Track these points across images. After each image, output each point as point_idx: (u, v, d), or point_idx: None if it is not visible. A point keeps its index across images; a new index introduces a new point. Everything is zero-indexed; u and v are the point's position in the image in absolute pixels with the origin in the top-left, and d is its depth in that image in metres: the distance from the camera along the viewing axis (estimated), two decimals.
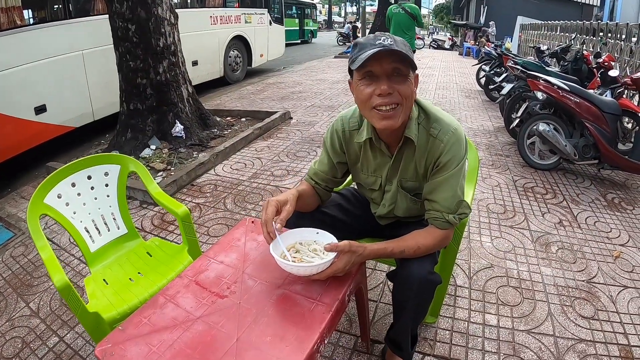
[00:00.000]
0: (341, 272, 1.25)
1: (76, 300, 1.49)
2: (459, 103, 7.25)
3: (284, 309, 1.20)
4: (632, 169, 3.70)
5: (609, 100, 3.89)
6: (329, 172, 1.61)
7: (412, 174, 1.47)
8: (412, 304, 1.40)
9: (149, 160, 4.13)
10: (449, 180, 1.37)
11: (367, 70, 1.26)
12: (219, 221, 3.05)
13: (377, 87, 1.25)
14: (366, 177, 1.58)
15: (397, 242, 1.36)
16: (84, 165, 1.91)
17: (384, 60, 1.23)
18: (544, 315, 2.11)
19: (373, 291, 2.27)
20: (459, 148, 1.37)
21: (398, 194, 1.54)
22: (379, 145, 1.46)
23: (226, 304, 1.21)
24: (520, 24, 13.80)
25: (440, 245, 1.42)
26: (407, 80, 1.27)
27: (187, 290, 1.27)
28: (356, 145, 1.53)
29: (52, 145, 4.78)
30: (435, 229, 1.40)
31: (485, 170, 4.05)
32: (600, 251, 2.71)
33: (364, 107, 1.33)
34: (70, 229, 1.85)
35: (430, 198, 1.41)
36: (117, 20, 4.18)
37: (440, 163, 1.37)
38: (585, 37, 7.98)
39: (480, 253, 2.64)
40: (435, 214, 1.39)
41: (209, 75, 8.09)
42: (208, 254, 1.45)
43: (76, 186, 1.89)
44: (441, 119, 1.39)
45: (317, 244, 1.35)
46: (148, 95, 4.41)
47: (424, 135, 1.39)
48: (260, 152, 4.49)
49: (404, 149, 1.44)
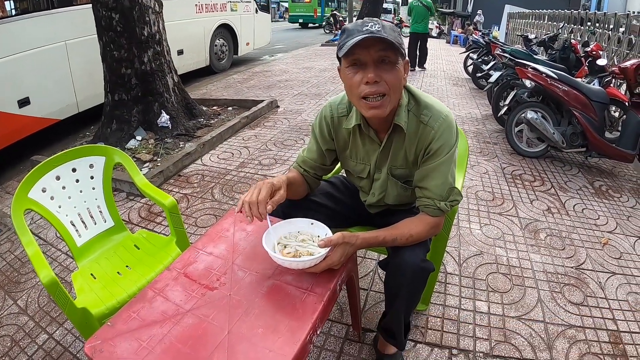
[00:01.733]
0: (337, 264, 1.24)
1: (64, 297, 1.46)
2: (447, 91, 7.25)
3: (275, 299, 1.17)
4: (619, 157, 3.73)
5: (597, 89, 3.91)
6: (317, 160, 1.59)
7: (402, 161, 1.46)
8: (406, 292, 1.39)
9: (135, 151, 4.06)
10: (440, 167, 1.36)
11: (355, 58, 1.23)
12: (207, 212, 3.01)
13: (364, 75, 1.23)
14: (355, 164, 1.56)
15: (389, 230, 1.35)
16: (68, 158, 1.86)
17: (372, 47, 1.20)
18: (534, 301, 2.13)
19: (363, 279, 2.26)
20: (449, 134, 1.35)
21: (388, 182, 1.53)
22: (368, 132, 1.44)
23: (216, 296, 1.19)
24: (508, 12, 13.82)
25: (432, 232, 1.40)
26: (394, 68, 1.24)
27: (176, 283, 1.24)
28: (345, 132, 1.50)
29: (37, 138, 4.69)
30: (427, 217, 1.39)
31: (474, 157, 4.06)
32: (589, 238, 2.74)
33: (351, 95, 1.31)
34: (56, 223, 1.81)
35: (422, 185, 1.40)
36: (101, 9, 4.07)
37: (431, 150, 1.35)
38: (573, 26, 8.01)
39: (469, 240, 2.64)
40: (427, 201, 1.38)
41: (194, 64, 7.96)
42: (196, 246, 1.42)
43: (61, 179, 1.84)
44: (432, 105, 1.38)
45: (300, 234, 1.33)
46: (133, 86, 4.32)
47: (414, 122, 1.38)
48: (248, 141, 4.45)
49: (394, 136, 1.42)
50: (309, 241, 1.29)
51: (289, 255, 1.22)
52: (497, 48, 5.76)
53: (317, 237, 1.31)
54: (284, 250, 1.25)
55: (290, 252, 1.24)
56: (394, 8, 29.10)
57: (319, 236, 1.30)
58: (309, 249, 1.25)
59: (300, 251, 1.24)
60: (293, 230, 1.33)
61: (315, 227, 1.34)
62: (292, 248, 1.25)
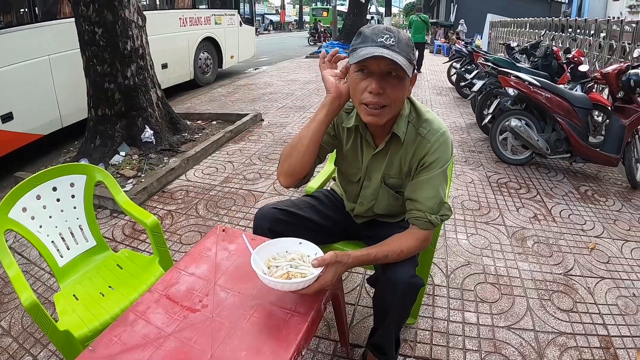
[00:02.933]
0: (329, 285, 1.20)
1: (45, 319, 1.42)
2: (431, 101, 7.30)
3: (258, 321, 1.15)
4: (603, 161, 3.77)
5: (580, 95, 3.96)
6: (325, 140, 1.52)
7: (396, 171, 1.46)
8: (396, 310, 1.39)
9: (118, 167, 4.00)
10: (432, 180, 1.36)
11: (364, 65, 1.24)
12: (192, 228, 2.96)
13: (369, 84, 1.23)
14: (348, 166, 1.56)
15: (380, 247, 1.34)
16: (49, 177, 1.82)
17: (382, 60, 1.19)
18: (523, 310, 2.11)
19: (350, 294, 2.23)
20: (445, 150, 1.37)
21: (380, 190, 1.52)
22: (365, 134, 1.44)
23: (198, 318, 1.16)
24: (490, 21, 14.02)
25: (422, 246, 1.40)
26: (401, 83, 1.25)
27: (157, 306, 1.21)
28: (344, 130, 1.51)
29: (21, 154, 4.63)
30: (417, 230, 1.38)
31: (459, 167, 4.06)
32: (576, 243, 2.75)
33: (354, 98, 1.31)
34: (37, 243, 1.77)
35: (413, 197, 1.39)
36: (84, 24, 4.02)
37: (426, 162, 1.37)
38: (554, 33, 8.13)
39: (456, 250, 2.63)
40: (417, 213, 1.37)
41: (179, 78, 7.93)
42: (178, 266, 1.38)
43: (41, 198, 1.80)
44: (431, 120, 1.39)
45: (289, 253, 1.29)
46: (116, 101, 4.26)
47: (412, 133, 1.39)
48: (232, 155, 4.41)
49: (390, 145, 1.43)
50: (299, 260, 1.25)
51: (282, 277, 1.18)
52: (479, 57, 5.81)
53: (307, 256, 1.27)
54: (276, 273, 1.20)
55: (281, 273, 1.20)
56: (377, 19, 29.43)
57: (309, 255, 1.27)
58: (301, 270, 1.21)
59: (292, 272, 1.20)
60: (281, 250, 1.29)
61: (303, 247, 1.30)
62: (284, 269, 1.21)
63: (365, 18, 17.03)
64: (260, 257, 1.23)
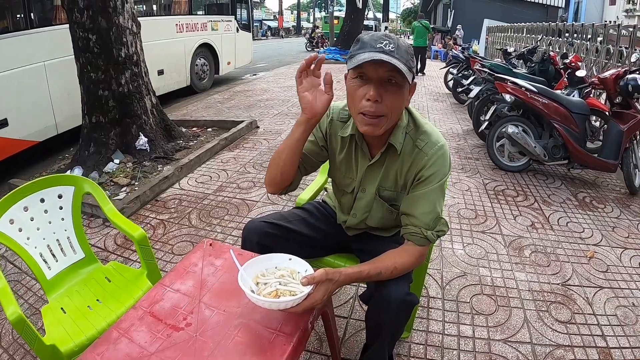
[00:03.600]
0: (319, 303, 1.16)
1: (31, 333, 1.41)
2: (427, 107, 7.27)
3: (242, 341, 1.11)
4: (601, 167, 3.73)
5: (577, 101, 3.93)
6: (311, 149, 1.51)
7: (392, 183, 1.43)
8: (390, 327, 1.35)
9: (112, 175, 3.96)
10: (429, 195, 1.33)
11: (362, 72, 1.21)
12: (184, 238, 2.92)
13: (367, 91, 1.20)
14: (342, 176, 1.52)
15: (373, 263, 1.29)
16: (37, 188, 1.81)
17: (381, 66, 1.17)
18: (520, 322, 2.06)
19: (343, 307, 2.18)
20: (442, 164, 1.33)
21: (374, 202, 1.49)
22: (361, 145, 1.41)
23: (182, 337, 1.12)
24: (487, 26, 14.04)
25: (416, 263, 1.36)
26: (399, 91, 1.22)
27: (141, 323, 1.18)
28: (339, 139, 1.47)
29: (16, 160, 4.62)
30: (412, 246, 1.34)
31: (455, 174, 4.02)
32: (574, 252, 2.70)
33: (351, 106, 1.28)
34: (25, 256, 1.74)
35: (409, 212, 1.36)
36: (78, 30, 4.00)
37: (422, 176, 1.33)
38: (551, 38, 8.12)
39: (452, 261, 2.58)
40: (413, 229, 1.33)
41: (175, 84, 7.90)
42: (164, 282, 1.35)
43: (29, 210, 1.78)
44: (430, 133, 1.36)
45: (278, 269, 1.24)
46: (110, 108, 4.23)
47: (409, 145, 1.35)
48: (226, 163, 4.36)
49: (387, 156, 1.39)
50: (289, 277, 1.21)
51: (270, 295, 1.13)
52: (476, 63, 5.78)
53: (297, 272, 1.23)
54: (264, 290, 1.15)
55: (270, 291, 1.15)
56: (375, 25, 29.51)
57: (298, 272, 1.22)
58: (290, 287, 1.16)
59: (281, 290, 1.15)
60: (270, 267, 1.25)
61: (293, 263, 1.26)
62: (272, 286, 1.17)
63: (363, 24, 17.06)
64: (248, 273, 1.19)
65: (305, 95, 1.27)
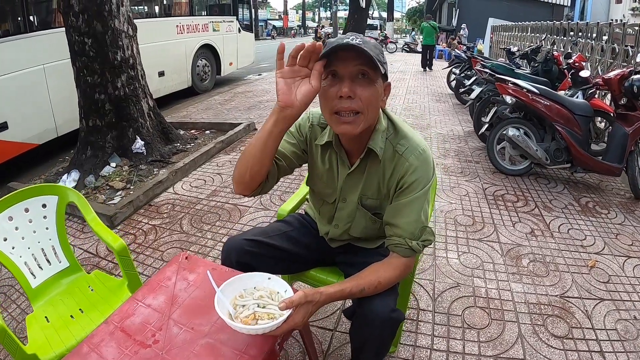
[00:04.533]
0: (300, 325, 1.12)
1: (12, 343, 1.42)
2: (429, 108, 7.18)
3: None
4: (605, 171, 3.62)
5: (580, 102, 3.82)
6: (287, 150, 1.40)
7: (374, 191, 1.36)
8: (373, 345, 1.29)
9: (108, 178, 3.94)
10: (413, 204, 1.26)
11: (332, 70, 1.15)
12: (174, 244, 2.87)
13: (339, 89, 1.14)
14: (323, 186, 1.46)
15: (356, 280, 1.23)
16: (21, 198, 1.83)
17: (350, 61, 1.12)
18: (514, 337, 1.97)
19: (328, 319, 2.11)
20: (425, 169, 1.27)
21: (357, 212, 1.42)
22: (339, 152, 1.35)
23: (148, 354, 1.09)
24: (492, 25, 13.90)
25: (401, 276, 1.30)
26: (372, 86, 1.16)
27: (111, 338, 1.16)
28: (318, 148, 1.41)
29: (16, 163, 4.65)
30: (397, 258, 1.28)
31: (454, 178, 3.93)
32: (575, 261, 2.60)
33: (325, 108, 1.21)
34: (10, 265, 1.77)
35: (393, 222, 1.29)
36: (74, 34, 3.99)
37: (405, 184, 1.27)
38: (555, 37, 7.99)
39: (446, 271, 2.49)
40: (398, 240, 1.27)
41: (176, 85, 7.88)
42: (136, 296, 1.31)
43: (13, 220, 1.81)
44: (410, 137, 1.30)
45: (257, 290, 1.18)
46: (107, 111, 4.21)
47: (390, 150, 1.30)
48: (222, 167, 4.30)
49: (367, 162, 1.33)
50: (267, 298, 1.15)
51: (248, 319, 1.08)
52: (477, 63, 5.68)
53: (276, 293, 1.17)
54: (242, 314, 1.10)
55: (248, 314, 1.10)
56: (380, 24, 29.42)
57: (278, 292, 1.17)
58: (268, 310, 1.11)
59: (259, 312, 1.10)
60: (249, 286, 1.19)
61: (272, 282, 1.19)
62: (250, 309, 1.11)
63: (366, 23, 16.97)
64: (226, 295, 1.13)
65: (280, 80, 1.13)
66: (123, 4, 4.20)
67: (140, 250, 2.82)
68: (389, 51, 21.32)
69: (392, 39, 23.53)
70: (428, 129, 5.72)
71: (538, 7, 19.73)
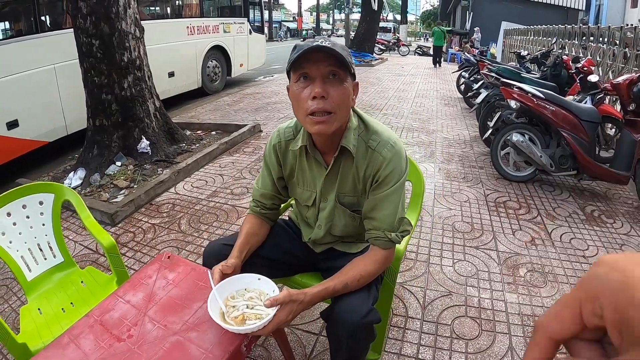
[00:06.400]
0: (285, 323, 1.17)
1: (4, 332, 1.50)
2: (437, 111, 7.12)
3: (171, 358, 1.11)
4: (612, 179, 3.53)
5: (588, 108, 3.73)
6: (272, 189, 1.53)
7: (350, 188, 1.39)
8: (349, 346, 1.28)
9: (113, 177, 3.99)
10: (389, 197, 1.31)
11: (303, 72, 1.21)
12: (171, 244, 2.88)
13: (312, 91, 1.19)
14: (302, 191, 1.49)
15: (338, 277, 1.26)
16: (19, 195, 1.92)
17: (321, 62, 1.18)
18: (504, 349, 1.92)
19: (315, 323, 2.08)
20: (398, 161, 1.31)
21: (335, 210, 1.44)
22: (314, 154, 1.38)
23: (121, 348, 1.14)
24: (504, 29, 13.76)
25: (383, 267, 1.34)
26: (342, 85, 1.21)
27: (90, 331, 1.21)
28: (291, 155, 1.45)
29: (27, 159, 4.75)
30: (377, 251, 1.33)
31: (456, 184, 3.87)
32: (575, 272, 2.53)
33: (298, 111, 1.26)
34: (7, 258, 1.85)
35: (371, 216, 1.34)
36: (81, 36, 4.08)
37: (380, 177, 1.31)
38: (566, 41, 7.87)
39: (439, 279, 2.44)
40: (377, 232, 1.32)
41: (186, 86, 7.95)
42: (118, 293, 1.36)
43: (11, 215, 1.89)
44: (381, 132, 1.35)
45: (248, 291, 1.24)
46: (113, 111, 4.29)
47: (362, 147, 1.34)
48: (224, 168, 4.31)
49: (341, 160, 1.36)
50: (257, 299, 1.21)
51: (237, 319, 1.14)
52: (484, 67, 5.61)
53: (265, 294, 1.22)
54: (232, 314, 1.16)
55: (237, 314, 1.16)
56: (393, 27, 29.34)
57: (267, 294, 1.21)
58: (256, 311, 1.17)
59: (247, 313, 1.16)
60: (240, 288, 1.24)
61: (262, 283, 1.25)
62: (239, 310, 1.17)
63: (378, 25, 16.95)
64: (218, 298, 1.19)
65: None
66: (130, 6, 4.28)
67: (138, 248, 2.85)
68: (401, 54, 21.23)
69: (405, 42, 23.44)
70: (434, 133, 5.66)
71: (552, 11, 19.49)
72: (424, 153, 4.80)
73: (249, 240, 1.46)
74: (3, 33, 4.64)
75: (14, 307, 2.32)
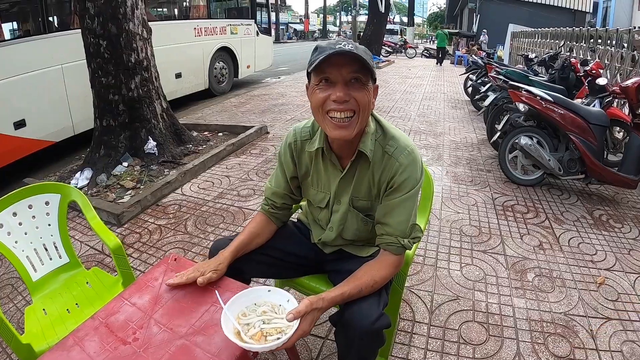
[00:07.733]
0: (308, 332, 1.15)
1: (9, 332, 1.49)
2: (444, 114, 7.10)
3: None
4: (620, 183, 3.50)
5: (596, 111, 3.70)
6: (286, 188, 1.53)
7: (365, 193, 1.39)
8: (358, 351, 1.27)
9: (119, 177, 3.99)
10: (404, 203, 1.31)
11: (325, 76, 1.19)
12: (177, 245, 2.88)
13: (332, 93, 1.18)
14: (315, 192, 1.49)
15: (352, 281, 1.26)
16: (25, 195, 1.90)
17: (344, 67, 1.16)
18: (511, 355, 1.90)
19: (321, 326, 2.07)
20: (414, 169, 1.31)
21: (349, 213, 1.44)
22: (330, 157, 1.38)
23: (127, 351, 1.13)
24: (512, 31, 13.70)
25: (394, 272, 1.35)
26: (365, 88, 1.20)
27: (95, 333, 1.20)
28: (307, 156, 1.45)
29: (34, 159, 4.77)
30: (388, 256, 1.33)
31: (464, 187, 3.85)
32: (583, 277, 2.51)
33: (317, 112, 1.25)
34: (12, 258, 1.84)
35: (384, 221, 1.34)
36: (89, 36, 4.09)
37: (395, 183, 1.31)
38: (574, 43, 7.82)
39: (446, 283, 2.42)
40: (389, 238, 1.32)
41: (193, 87, 7.97)
42: (123, 295, 1.35)
43: (17, 216, 1.87)
44: (398, 137, 1.34)
45: (259, 305, 1.19)
46: (120, 112, 4.31)
47: (379, 152, 1.33)
48: (231, 169, 4.31)
49: (357, 165, 1.36)
50: (271, 312, 1.16)
51: (255, 337, 1.08)
52: (492, 69, 5.59)
53: (278, 306, 1.17)
54: (249, 332, 1.10)
55: (255, 332, 1.09)
56: (400, 29, 29.32)
57: (280, 305, 1.17)
58: (274, 325, 1.12)
59: (265, 329, 1.10)
60: (249, 303, 1.19)
61: (273, 295, 1.20)
62: (256, 327, 1.11)
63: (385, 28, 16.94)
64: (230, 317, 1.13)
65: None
66: (138, 7, 4.29)
67: (144, 249, 2.85)
68: (408, 56, 21.21)
69: (412, 44, 23.42)
70: (441, 136, 5.64)
71: (559, 14, 19.45)
72: (431, 156, 4.79)
73: (250, 239, 1.46)
74: (11, 33, 4.66)
75: (19, 306, 2.32)
